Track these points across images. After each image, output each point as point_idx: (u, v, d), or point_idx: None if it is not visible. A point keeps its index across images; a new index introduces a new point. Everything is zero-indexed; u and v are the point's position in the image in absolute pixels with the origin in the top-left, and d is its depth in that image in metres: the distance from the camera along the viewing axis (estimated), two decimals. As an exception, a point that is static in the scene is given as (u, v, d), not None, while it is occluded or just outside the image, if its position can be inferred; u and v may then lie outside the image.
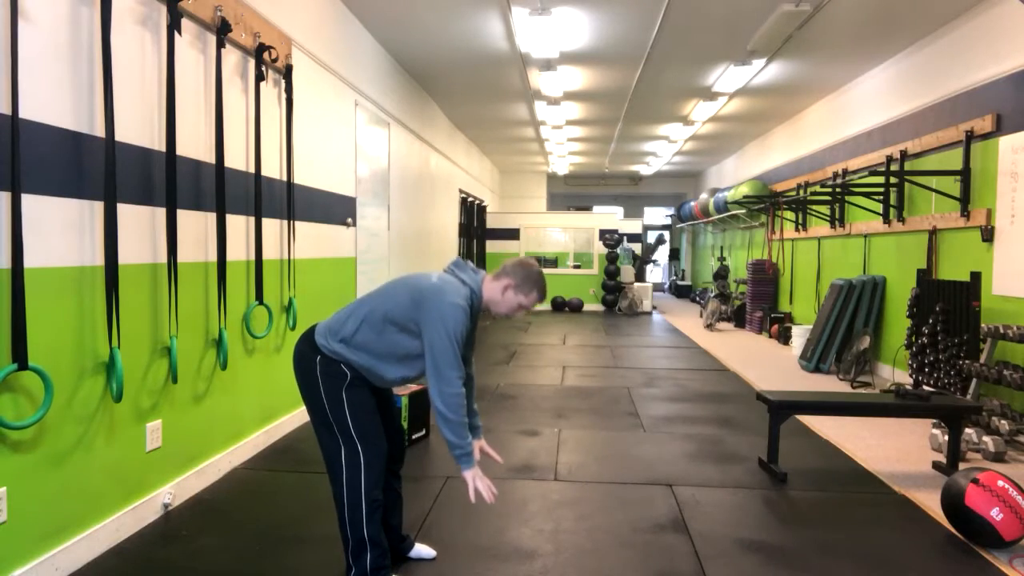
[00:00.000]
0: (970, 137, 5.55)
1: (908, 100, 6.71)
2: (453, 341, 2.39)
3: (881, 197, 6.95)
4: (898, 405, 4.05)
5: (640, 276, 15.03)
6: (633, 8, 5.85)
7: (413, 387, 4.51)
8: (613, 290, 14.19)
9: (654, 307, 14.84)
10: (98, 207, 2.82)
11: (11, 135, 2.33)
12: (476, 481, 2.45)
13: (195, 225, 3.54)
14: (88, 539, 2.81)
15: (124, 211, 2.97)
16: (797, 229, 9.57)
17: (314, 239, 5.18)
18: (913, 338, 5.81)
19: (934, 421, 4.85)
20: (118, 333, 2.84)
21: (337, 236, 5.67)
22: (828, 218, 8.40)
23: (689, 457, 4.32)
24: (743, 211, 11.87)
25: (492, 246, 14.69)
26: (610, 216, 15.24)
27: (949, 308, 5.36)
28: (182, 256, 3.37)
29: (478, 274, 2.60)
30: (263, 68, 4.17)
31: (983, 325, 4.93)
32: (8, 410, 2.40)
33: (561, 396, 6.03)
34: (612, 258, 14.04)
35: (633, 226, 15.91)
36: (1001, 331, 4.64)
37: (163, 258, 3.23)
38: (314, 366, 2.50)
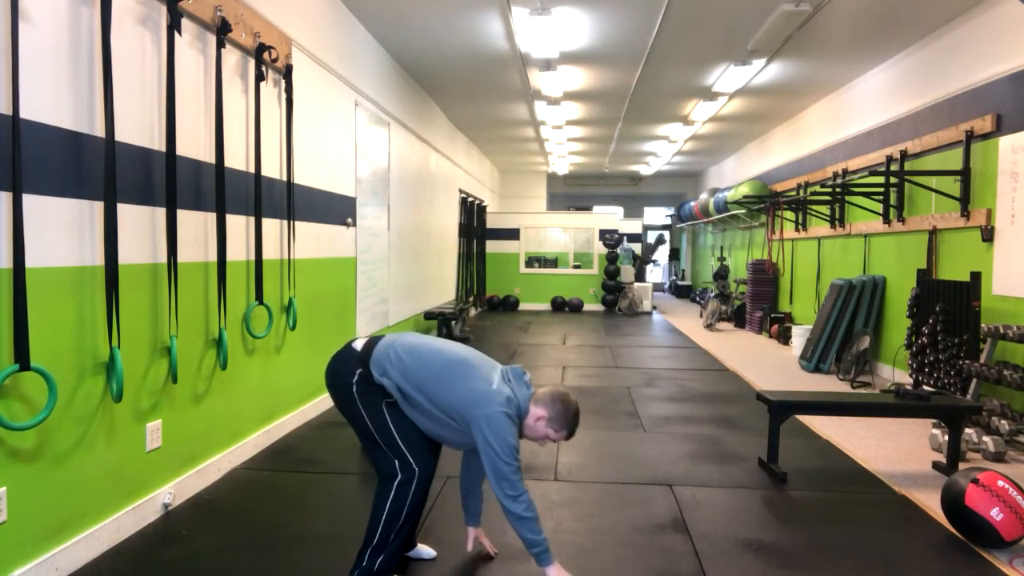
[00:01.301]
0: (970, 137, 5.55)
1: (908, 100, 6.71)
2: (511, 447, 2.44)
3: (881, 197, 6.95)
4: (898, 405, 4.05)
5: (640, 276, 15.03)
6: (633, 8, 5.85)
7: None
8: (613, 290, 14.19)
9: (654, 307, 14.84)
10: (98, 207, 2.82)
11: (11, 135, 2.33)
12: (563, 573, 2.52)
13: (195, 225, 3.54)
14: (88, 539, 2.81)
15: (124, 211, 2.97)
16: (797, 229, 9.57)
17: (314, 239, 5.18)
18: (913, 338, 5.81)
19: (934, 421, 4.85)
20: (118, 333, 2.84)
21: (337, 236, 5.67)
22: (828, 218, 8.40)
23: (689, 457, 4.32)
24: (743, 211, 11.87)
25: (492, 246, 14.69)
26: (610, 216, 15.23)
27: (949, 308, 5.36)
28: (182, 256, 3.37)
29: (529, 390, 2.62)
30: (263, 68, 4.17)
31: (983, 325, 4.93)
32: (9, 410, 2.40)
33: (561, 396, 6.01)
34: (612, 258, 14.04)
35: (633, 226, 15.91)
36: (1001, 331, 4.64)
37: (163, 258, 3.23)
38: (350, 384, 2.54)
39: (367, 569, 2.53)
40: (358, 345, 2.63)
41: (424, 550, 2.89)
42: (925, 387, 5.52)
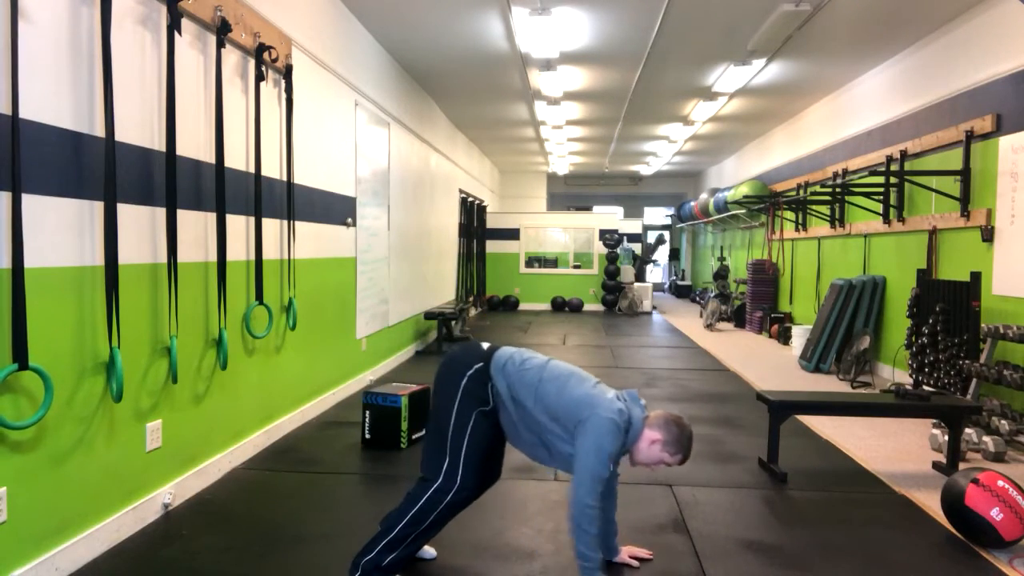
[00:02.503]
0: (970, 137, 5.55)
1: (908, 100, 6.71)
2: (609, 455, 2.45)
3: (881, 197, 6.95)
4: (898, 405, 4.05)
5: (640, 276, 15.03)
6: (633, 8, 5.85)
7: (413, 387, 4.51)
8: (613, 290, 14.19)
9: (654, 307, 14.84)
10: (98, 207, 2.82)
11: (11, 135, 2.33)
12: None
13: (195, 225, 3.54)
14: (88, 539, 2.81)
15: (124, 211, 2.97)
16: (797, 229, 9.57)
17: (314, 239, 5.18)
18: (913, 338, 5.81)
19: (934, 421, 4.85)
20: (118, 333, 2.84)
21: (337, 236, 5.67)
22: (828, 218, 8.40)
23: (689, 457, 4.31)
24: (743, 211, 11.87)
25: (492, 246, 14.69)
26: (610, 216, 15.23)
27: (949, 308, 5.36)
28: (182, 256, 3.37)
29: (643, 412, 2.63)
30: (263, 68, 4.17)
31: (983, 325, 4.93)
32: (8, 410, 2.40)
33: (561, 396, 6.01)
34: (612, 258, 14.04)
35: (633, 226, 15.91)
36: (1001, 331, 4.64)
37: (163, 258, 3.23)
38: (463, 374, 2.58)
39: (375, 561, 2.53)
40: (484, 345, 2.72)
41: (425, 550, 2.89)
42: (925, 387, 5.51)
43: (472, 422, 2.57)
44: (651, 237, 17.42)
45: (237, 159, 4.00)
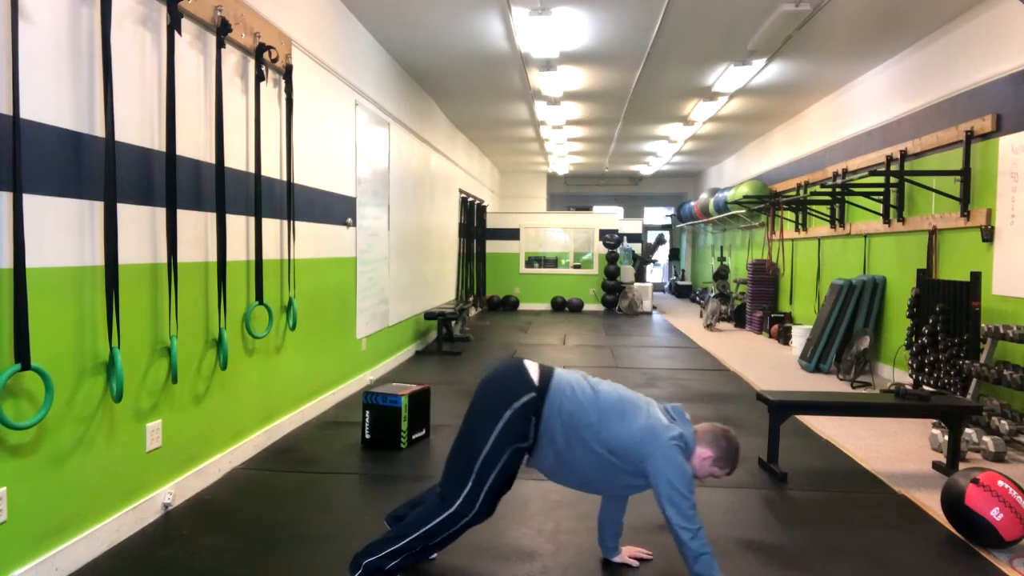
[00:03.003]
0: (970, 137, 5.55)
1: (908, 100, 6.71)
2: (689, 480, 2.46)
3: (881, 197, 6.95)
4: (898, 405, 4.05)
5: (640, 276, 15.03)
6: (633, 8, 5.85)
7: (413, 387, 4.51)
8: (613, 290, 14.19)
9: (654, 307, 14.84)
10: (98, 207, 2.82)
11: (12, 135, 2.33)
12: None
13: (195, 225, 3.54)
14: (88, 539, 2.81)
15: (124, 211, 2.97)
16: (797, 229, 9.57)
17: (314, 239, 5.18)
18: (913, 338, 5.81)
19: (934, 421, 4.85)
20: (118, 333, 2.84)
21: (337, 236, 5.67)
22: (828, 218, 8.40)
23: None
24: (743, 211, 11.87)
25: (492, 246, 14.69)
26: (610, 216, 15.24)
27: (949, 308, 5.35)
28: (182, 256, 3.37)
29: (691, 427, 2.64)
30: (263, 68, 4.17)
31: (983, 325, 4.93)
32: (9, 410, 2.40)
33: (561, 396, 6.01)
34: (612, 258, 14.04)
35: (633, 226, 15.91)
36: (1001, 331, 4.64)
37: (163, 258, 3.23)
38: (510, 403, 2.50)
39: (378, 564, 2.51)
40: (533, 372, 2.59)
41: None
42: (925, 387, 5.51)
43: (506, 457, 2.50)
44: (651, 237, 17.42)
45: (237, 159, 4.00)
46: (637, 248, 15.44)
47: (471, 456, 2.50)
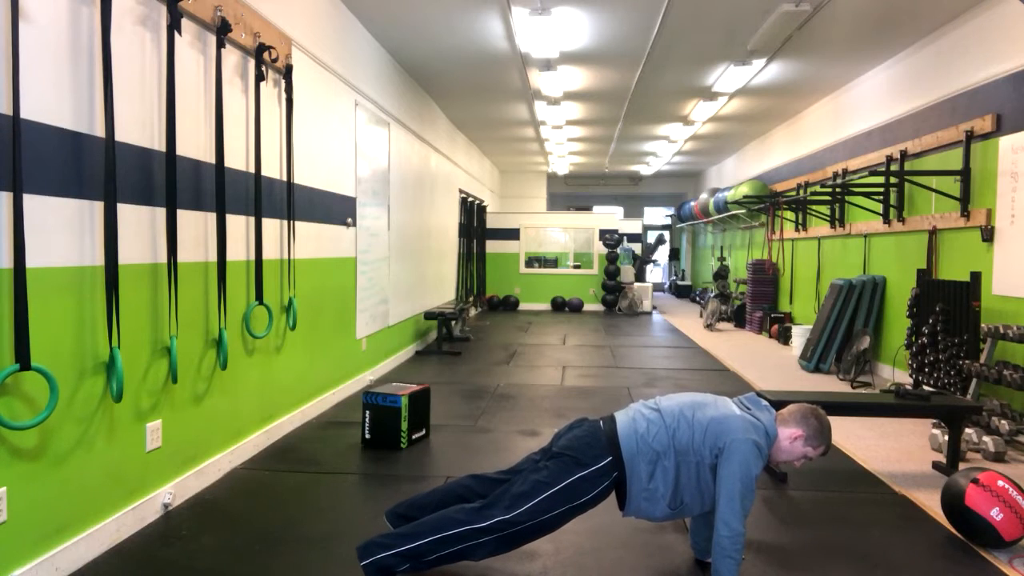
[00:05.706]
0: (970, 137, 5.55)
1: (908, 100, 6.70)
2: (753, 479, 2.42)
3: (881, 197, 6.95)
4: (898, 405, 4.05)
5: (640, 276, 15.03)
6: (633, 8, 5.85)
7: (413, 387, 4.51)
8: (613, 290, 14.19)
9: (654, 307, 14.84)
10: (98, 207, 2.82)
11: (12, 135, 2.33)
12: None
13: (195, 225, 3.54)
14: (88, 539, 2.81)
15: (124, 211, 2.97)
16: (797, 229, 9.57)
17: (314, 239, 5.18)
18: (913, 338, 5.81)
19: (934, 421, 4.85)
20: (118, 333, 2.84)
21: (337, 236, 5.67)
22: (828, 218, 8.40)
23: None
24: (743, 211, 11.87)
25: (492, 246, 14.69)
26: (610, 216, 15.23)
27: (949, 308, 5.35)
28: (182, 256, 3.37)
29: (771, 413, 2.59)
30: (263, 68, 4.17)
31: (983, 325, 4.93)
32: (9, 410, 2.40)
33: (561, 396, 6.03)
34: (612, 258, 14.04)
35: (633, 226, 15.90)
36: (1001, 331, 4.64)
37: (163, 258, 3.23)
38: (586, 467, 2.50)
39: (387, 561, 2.47)
40: (602, 428, 2.60)
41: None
42: (925, 387, 5.51)
43: (563, 506, 2.50)
44: (651, 237, 17.42)
45: (237, 159, 4.00)
46: (637, 248, 15.44)
47: (528, 491, 2.49)
